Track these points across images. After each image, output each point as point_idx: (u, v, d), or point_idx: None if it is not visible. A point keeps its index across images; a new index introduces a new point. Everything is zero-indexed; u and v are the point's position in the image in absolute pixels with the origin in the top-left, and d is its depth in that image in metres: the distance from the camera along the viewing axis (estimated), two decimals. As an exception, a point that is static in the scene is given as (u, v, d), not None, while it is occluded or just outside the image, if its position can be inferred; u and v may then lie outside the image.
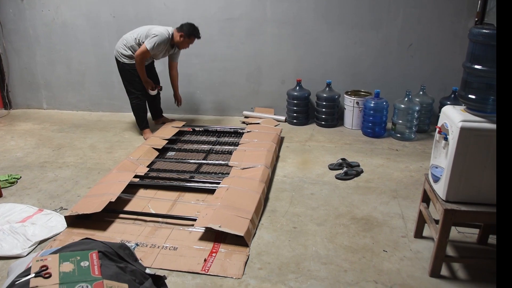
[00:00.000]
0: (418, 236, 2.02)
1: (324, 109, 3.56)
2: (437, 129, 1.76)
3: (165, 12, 3.64)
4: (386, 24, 3.43)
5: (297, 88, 3.60)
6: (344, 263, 1.81)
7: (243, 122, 3.69)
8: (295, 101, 3.59)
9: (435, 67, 3.49)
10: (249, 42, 3.63)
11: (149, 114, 3.52)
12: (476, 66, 1.59)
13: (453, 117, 1.62)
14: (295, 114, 3.64)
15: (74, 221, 2.09)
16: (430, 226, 1.81)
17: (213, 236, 1.94)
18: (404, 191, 2.47)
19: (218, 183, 2.35)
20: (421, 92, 3.44)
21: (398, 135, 3.32)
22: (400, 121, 3.28)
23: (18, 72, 4.08)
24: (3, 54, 4.00)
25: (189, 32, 3.08)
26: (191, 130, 3.40)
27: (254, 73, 3.75)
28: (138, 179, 2.48)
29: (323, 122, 3.61)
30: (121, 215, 2.14)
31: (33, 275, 1.20)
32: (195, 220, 2.00)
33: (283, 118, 3.70)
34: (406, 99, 3.25)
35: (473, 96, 1.62)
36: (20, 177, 2.68)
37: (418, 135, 3.37)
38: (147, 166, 2.66)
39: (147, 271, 1.50)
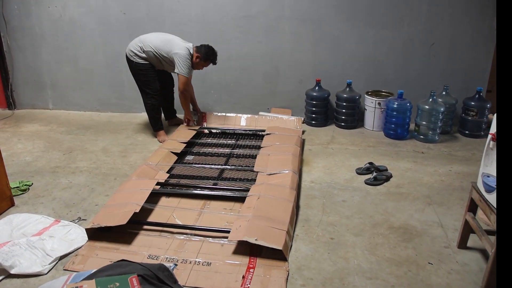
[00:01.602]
0: (462, 246, 1.91)
1: (344, 110, 3.44)
2: (491, 136, 1.65)
3: (178, 9, 3.49)
4: (408, 22, 3.31)
5: (316, 88, 3.48)
6: (390, 278, 1.70)
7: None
8: (314, 102, 3.47)
9: (458, 66, 3.39)
10: (266, 41, 3.50)
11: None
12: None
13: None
14: (313, 115, 3.52)
15: (94, 233, 1.95)
16: (481, 238, 1.70)
17: (247, 249, 1.82)
18: (437, 197, 2.36)
19: (246, 191, 2.22)
20: (444, 93, 3.34)
21: (422, 136, 3.21)
22: (424, 123, 3.17)
23: (23, 71, 3.90)
24: (7, 52, 3.82)
25: (206, 57, 3.00)
26: (208, 132, 3.27)
27: (271, 73, 3.61)
28: (159, 186, 2.34)
29: (343, 124, 3.49)
30: (146, 227, 2.01)
31: (72, 305, 1.08)
32: (227, 232, 1.87)
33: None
34: (430, 99, 3.14)
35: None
36: (32, 183, 2.53)
37: (441, 136, 3.26)
38: (167, 172, 2.52)
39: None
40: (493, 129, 1.66)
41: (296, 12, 3.38)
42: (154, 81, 3.08)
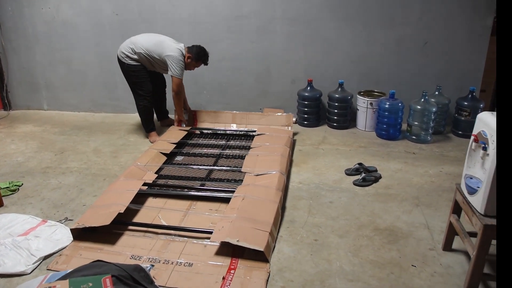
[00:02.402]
0: (447, 249, 1.90)
1: (336, 110, 3.43)
2: (473, 138, 1.64)
3: (170, 9, 3.50)
4: (401, 22, 3.29)
5: (308, 88, 3.47)
6: (372, 280, 1.70)
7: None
8: (306, 102, 3.46)
9: (451, 66, 3.36)
10: (258, 41, 3.49)
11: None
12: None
13: (495, 125, 1.49)
14: (306, 116, 3.52)
15: (80, 233, 1.97)
16: (464, 240, 1.69)
17: (230, 250, 1.82)
18: (426, 198, 2.35)
19: (232, 192, 2.22)
20: (436, 93, 3.32)
21: (414, 137, 3.20)
22: (416, 123, 3.15)
23: (18, 72, 3.93)
24: (1, 53, 3.85)
25: (198, 57, 3.02)
26: (199, 132, 3.27)
27: (263, 73, 3.61)
28: (146, 187, 2.35)
29: (335, 124, 3.48)
30: (131, 227, 2.02)
31: (42, 306, 1.09)
32: (210, 232, 1.88)
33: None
34: (422, 100, 3.12)
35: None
36: (22, 184, 2.55)
37: (434, 137, 3.24)
38: (155, 173, 2.53)
39: (164, 294, 1.38)
40: (475, 130, 1.66)
41: (287, 12, 3.37)
42: (147, 82, 3.09)
